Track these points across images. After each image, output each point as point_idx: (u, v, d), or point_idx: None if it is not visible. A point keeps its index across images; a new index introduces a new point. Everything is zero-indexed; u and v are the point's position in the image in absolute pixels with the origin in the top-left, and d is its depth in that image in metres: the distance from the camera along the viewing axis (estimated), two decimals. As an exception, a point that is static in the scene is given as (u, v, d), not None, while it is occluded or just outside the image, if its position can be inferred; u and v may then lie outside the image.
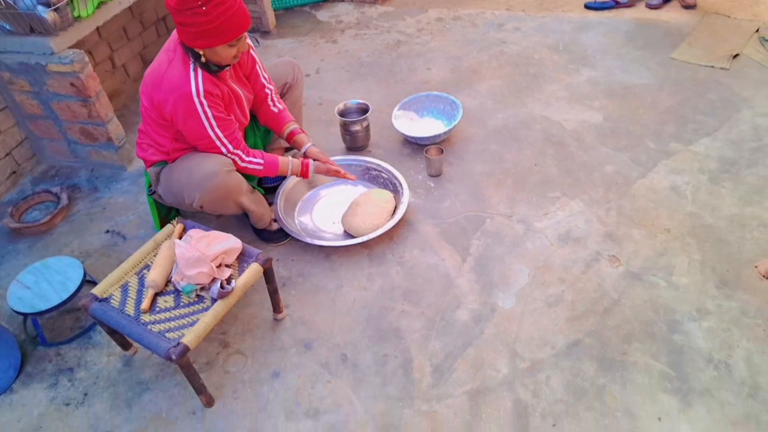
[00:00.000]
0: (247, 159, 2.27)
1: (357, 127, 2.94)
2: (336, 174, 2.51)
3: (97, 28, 2.91)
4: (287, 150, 2.85)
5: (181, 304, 1.96)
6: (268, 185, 2.73)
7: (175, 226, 2.15)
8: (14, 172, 3.00)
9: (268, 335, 2.20)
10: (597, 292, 2.26)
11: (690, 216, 2.53)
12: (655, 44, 3.70)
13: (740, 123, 3.01)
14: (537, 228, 2.54)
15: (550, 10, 4.23)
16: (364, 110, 3.00)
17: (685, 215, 2.54)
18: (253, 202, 2.37)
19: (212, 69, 2.08)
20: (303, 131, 2.55)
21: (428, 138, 2.94)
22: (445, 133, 2.94)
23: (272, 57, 3.95)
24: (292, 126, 2.52)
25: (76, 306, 2.32)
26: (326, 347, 2.14)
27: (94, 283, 2.33)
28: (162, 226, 2.48)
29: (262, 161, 2.30)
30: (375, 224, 2.50)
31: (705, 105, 3.15)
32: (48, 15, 2.46)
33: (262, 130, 2.61)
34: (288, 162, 2.38)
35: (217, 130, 2.12)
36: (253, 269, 1.99)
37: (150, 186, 2.38)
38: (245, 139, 2.47)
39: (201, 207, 2.22)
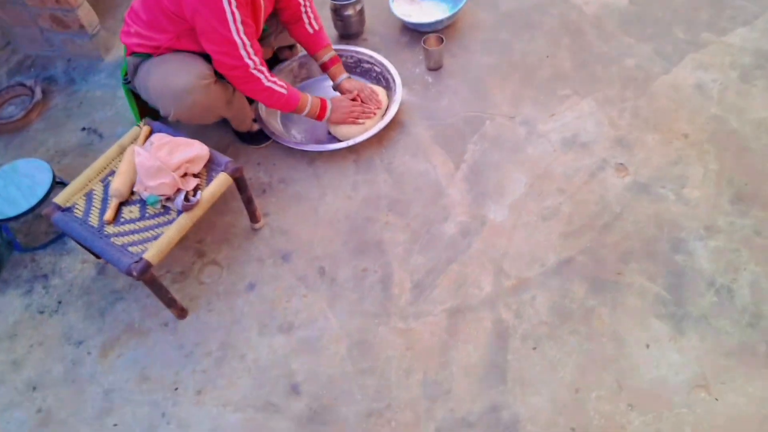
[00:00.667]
0: (271, 79, 2.03)
1: (350, 12, 2.65)
2: (354, 121, 2.28)
3: None
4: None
5: (147, 214, 1.85)
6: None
7: (142, 129, 2.00)
8: (-12, 62, 2.83)
9: (245, 245, 2.11)
10: (598, 205, 2.08)
11: (713, 119, 2.27)
12: None
13: (787, 8, 2.63)
14: (541, 131, 2.31)
15: None
16: (358, -7, 2.68)
17: (708, 118, 2.27)
18: (232, 108, 2.18)
19: None
20: (339, 59, 2.35)
21: (429, 24, 2.65)
22: (448, 18, 2.63)
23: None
24: (329, 53, 2.32)
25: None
26: (304, 259, 2.05)
27: (65, 185, 2.24)
28: (142, 118, 2.32)
29: (285, 87, 2.07)
30: (364, 127, 2.30)
31: (750, -15, 2.74)
32: None
33: None
34: (308, 100, 2.16)
35: (243, 36, 1.89)
36: (221, 180, 1.86)
37: (126, 74, 2.18)
38: None
39: (177, 120, 2.03)
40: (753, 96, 2.32)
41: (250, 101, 2.41)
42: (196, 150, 1.87)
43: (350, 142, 2.26)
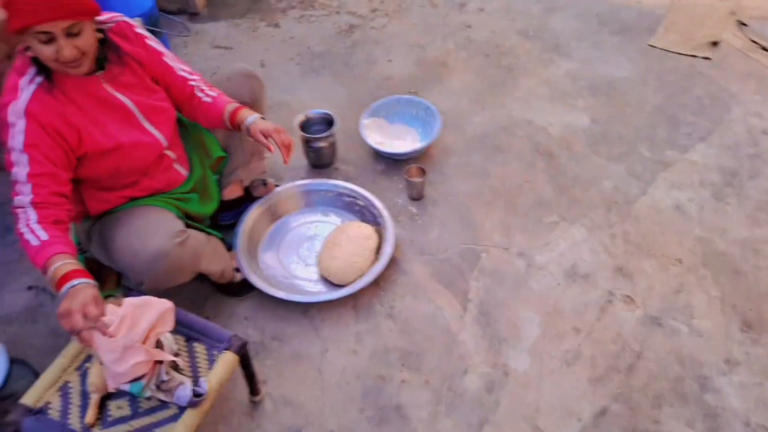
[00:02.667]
0: (33, 225, 1.48)
1: (322, 144, 2.52)
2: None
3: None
4: (260, 184, 2.36)
5: (140, 410, 1.54)
6: (224, 222, 2.29)
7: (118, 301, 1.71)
8: None
9: (246, 423, 1.82)
10: (617, 344, 2.02)
11: (700, 241, 2.32)
12: (630, 29, 3.44)
13: (733, 124, 2.82)
14: (539, 263, 2.25)
15: (513, -13, 3.86)
16: (328, 122, 2.58)
17: (695, 240, 2.32)
18: (211, 261, 1.93)
19: (51, 84, 1.53)
20: (244, 106, 1.92)
21: (404, 154, 2.58)
22: (423, 147, 2.58)
23: (205, 46, 3.40)
24: (231, 107, 1.89)
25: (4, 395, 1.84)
26: (318, 436, 1.80)
27: (23, 364, 1.88)
28: (102, 282, 2.01)
29: (41, 241, 1.46)
30: (358, 267, 2.14)
31: (694, 103, 2.94)
32: None
33: (212, 158, 2.08)
34: (54, 266, 1.42)
35: (23, 164, 1.49)
36: (227, 361, 1.60)
37: (79, 243, 1.88)
38: (189, 168, 1.99)
39: (151, 289, 1.72)
40: (729, 215, 2.41)
41: (228, 247, 2.18)
42: (157, 308, 1.54)
43: (347, 291, 2.08)
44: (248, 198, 2.35)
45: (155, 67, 1.80)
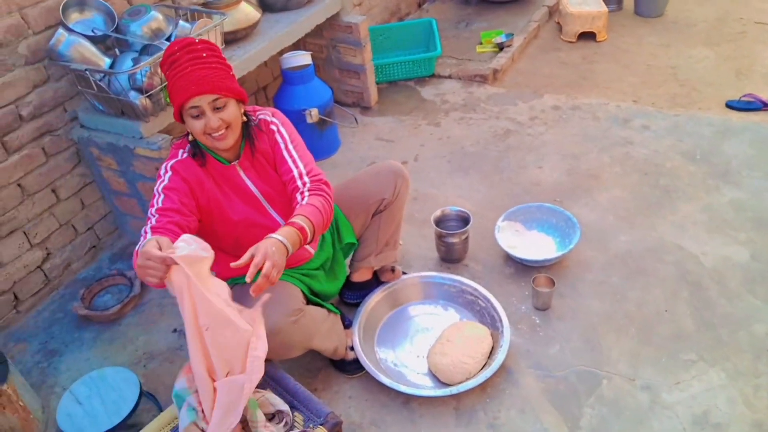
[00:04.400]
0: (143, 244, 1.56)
1: (455, 240, 2.60)
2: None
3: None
4: (385, 275, 2.47)
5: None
6: (349, 301, 2.43)
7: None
8: (94, 246, 2.88)
9: (329, 504, 1.85)
10: None
11: None
12: (815, 163, 3.14)
13: None
14: (666, 402, 2.07)
15: (684, 107, 3.74)
16: (464, 219, 2.66)
17: None
18: (325, 339, 2.04)
19: (201, 157, 1.84)
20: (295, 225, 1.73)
21: (536, 261, 2.56)
22: (557, 257, 2.54)
23: (370, 137, 3.71)
24: (303, 221, 1.75)
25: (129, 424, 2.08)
26: None
27: (153, 398, 2.11)
28: None
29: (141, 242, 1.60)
30: (467, 369, 2.13)
31: None
32: (139, 101, 2.31)
33: (343, 242, 2.21)
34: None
35: (158, 204, 1.73)
36: (319, 436, 1.67)
37: None
38: (319, 247, 2.11)
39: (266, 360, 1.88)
40: None
41: (347, 325, 2.29)
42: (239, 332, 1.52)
43: (452, 390, 2.07)
44: (376, 282, 2.48)
45: (278, 159, 1.93)
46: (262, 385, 1.81)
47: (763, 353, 2.20)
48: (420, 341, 2.33)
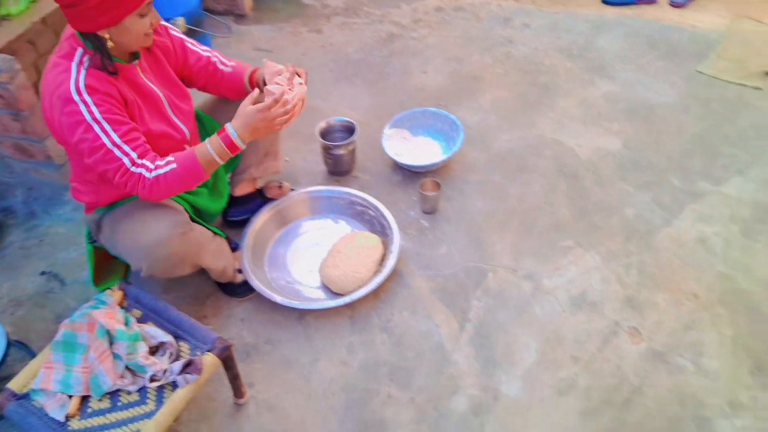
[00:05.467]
0: (153, 166, 1.61)
1: (341, 151, 2.54)
2: (280, 127, 1.77)
3: (45, 22, 2.45)
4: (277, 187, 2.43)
5: (119, 404, 1.58)
6: (233, 218, 2.33)
7: (114, 294, 1.77)
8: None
9: (228, 424, 1.85)
10: (615, 377, 1.93)
11: (720, 278, 2.20)
12: (679, 53, 3.30)
13: (776, 158, 2.66)
14: (547, 287, 2.19)
15: (564, 5, 3.77)
16: (350, 130, 2.59)
17: (715, 277, 2.20)
18: (213, 257, 1.97)
19: (111, 65, 1.60)
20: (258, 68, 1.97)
21: (422, 167, 2.56)
22: (442, 161, 2.55)
23: (247, 47, 3.49)
24: (249, 70, 1.98)
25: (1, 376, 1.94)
26: (297, 444, 1.80)
27: (24, 346, 1.97)
28: (98, 279, 2.07)
29: (173, 160, 1.63)
30: (359, 278, 2.14)
31: (736, 133, 2.79)
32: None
33: None
34: (206, 149, 1.66)
35: (112, 134, 1.55)
36: (207, 363, 1.62)
37: (90, 234, 1.97)
38: None
39: (150, 276, 1.81)
40: (757, 253, 2.27)
41: (234, 248, 2.22)
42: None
43: (345, 300, 2.08)
44: (261, 197, 2.40)
45: (179, 53, 1.89)
46: (143, 319, 1.73)
47: (633, 235, 2.36)
48: (312, 257, 2.30)
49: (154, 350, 1.64)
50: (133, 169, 1.60)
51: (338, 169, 2.61)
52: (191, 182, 1.68)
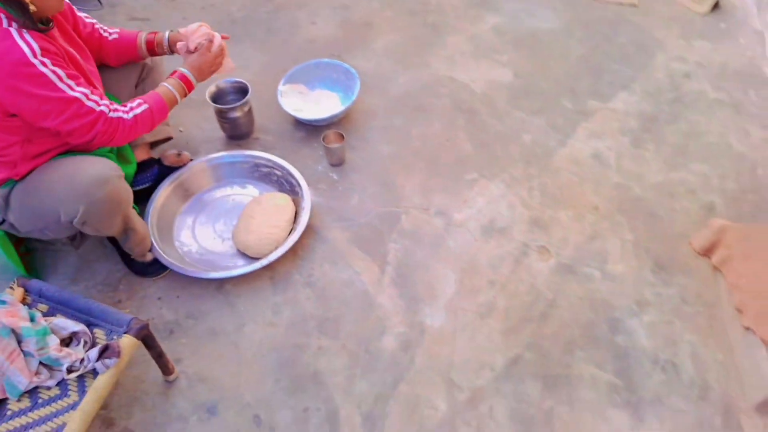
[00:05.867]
0: (128, 109, 1.76)
1: (237, 114, 2.46)
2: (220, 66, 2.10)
3: None
4: (153, 145, 2.35)
5: (40, 401, 1.52)
6: (138, 187, 2.23)
7: (14, 292, 1.67)
8: None
9: (161, 403, 1.81)
10: (530, 294, 2.04)
11: (617, 188, 2.34)
12: (557, -21, 3.39)
13: (655, 70, 2.83)
14: (458, 221, 2.26)
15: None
16: (243, 91, 2.51)
17: (612, 188, 2.34)
18: (137, 219, 1.94)
19: (40, 28, 1.62)
20: (154, 33, 2.11)
21: (322, 120, 2.53)
22: (342, 112, 2.54)
23: (121, 18, 3.28)
24: (143, 35, 2.08)
25: None
26: (234, 410, 1.80)
27: None
28: (23, 263, 1.99)
29: (144, 102, 1.81)
30: (274, 239, 2.12)
31: (618, 51, 2.93)
32: None
33: None
34: (169, 90, 1.89)
35: (76, 88, 1.63)
36: (126, 345, 1.57)
37: None
38: None
39: (83, 224, 1.73)
40: (646, 160, 2.43)
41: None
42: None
43: (262, 263, 2.06)
44: (159, 165, 2.31)
45: (70, 18, 1.87)
46: (50, 312, 1.65)
47: (532, 159, 2.46)
48: (222, 225, 2.25)
49: (67, 342, 1.58)
50: (112, 115, 1.71)
51: (236, 132, 2.54)
52: (159, 119, 1.85)
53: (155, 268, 2.09)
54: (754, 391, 1.78)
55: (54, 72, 1.58)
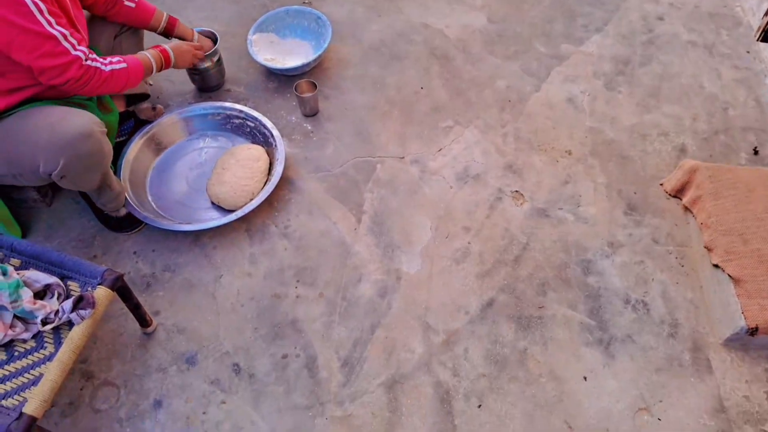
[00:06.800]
0: (107, 62, 1.77)
1: (206, 64, 2.41)
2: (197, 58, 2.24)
3: None
4: (130, 99, 2.31)
5: (16, 354, 1.52)
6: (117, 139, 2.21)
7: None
8: None
9: (140, 355, 1.83)
10: (505, 238, 2.06)
11: (590, 132, 2.35)
12: None
13: (629, 12, 2.80)
14: (433, 168, 2.26)
15: None
16: (211, 40, 2.45)
17: (585, 132, 2.35)
18: (112, 174, 1.93)
19: None
20: (177, 19, 2.22)
21: (294, 69, 2.49)
22: (314, 60, 2.49)
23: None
24: (163, 18, 2.16)
25: None
26: (213, 358, 1.82)
27: None
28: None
29: (123, 61, 1.82)
30: (248, 190, 2.11)
31: (591, -7, 2.90)
32: None
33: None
34: (149, 58, 1.94)
35: (56, 26, 1.60)
36: (101, 297, 1.57)
37: None
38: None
39: (61, 177, 1.72)
40: (620, 103, 2.44)
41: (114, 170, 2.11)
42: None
43: (236, 215, 2.05)
44: (134, 118, 2.28)
45: None
46: (22, 267, 1.64)
47: (507, 105, 2.45)
48: (196, 178, 2.23)
49: (41, 295, 1.57)
50: (88, 62, 1.70)
51: (207, 84, 2.49)
52: (132, 82, 1.85)
53: (130, 222, 2.07)
54: (722, 327, 1.83)
55: (36, 3, 1.55)
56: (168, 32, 2.20)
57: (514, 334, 1.85)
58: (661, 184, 2.18)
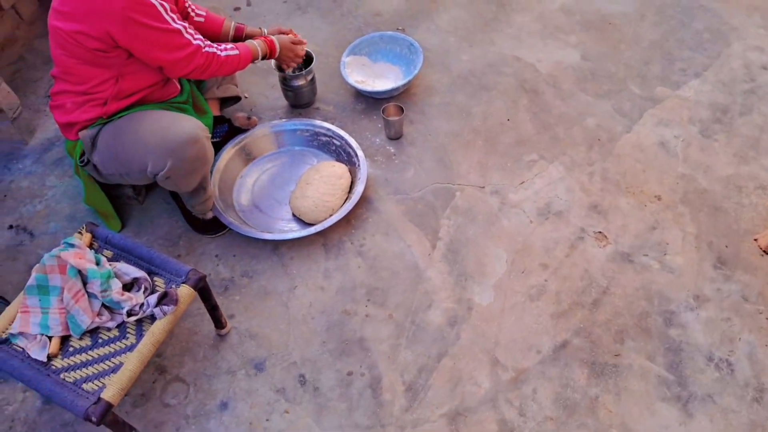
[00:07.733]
0: (223, 48, 1.96)
1: (300, 82, 2.49)
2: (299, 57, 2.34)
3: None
4: (223, 102, 2.43)
5: (100, 341, 1.60)
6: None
7: (83, 236, 1.75)
8: None
9: (212, 355, 1.88)
10: (584, 280, 2.00)
11: (682, 179, 2.26)
12: (634, -40, 3.27)
13: (731, 59, 2.70)
14: (513, 201, 2.23)
15: None
16: (307, 60, 2.54)
17: (677, 178, 2.26)
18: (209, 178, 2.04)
19: None
20: (244, 25, 2.28)
21: (384, 92, 2.53)
22: (403, 85, 2.53)
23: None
24: (231, 24, 2.24)
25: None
26: (281, 367, 1.85)
27: (2, 299, 1.96)
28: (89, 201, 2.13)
29: (234, 48, 2.01)
30: (329, 206, 2.15)
31: (692, 37, 2.81)
32: None
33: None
34: (257, 46, 2.11)
35: (177, 21, 1.80)
36: (184, 295, 1.64)
37: (81, 156, 1.94)
38: (181, 86, 2.10)
39: (166, 178, 1.85)
40: (716, 152, 2.34)
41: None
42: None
43: (316, 228, 2.09)
44: (228, 124, 2.39)
45: None
46: (114, 259, 1.73)
47: (595, 143, 2.40)
48: (280, 190, 2.30)
49: (129, 287, 1.65)
50: (208, 50, 1.90)
51: (299, 101, 2.57)
52: (241, 67, 2.04)
53: (215, 226, 2.15)
54: (813, 396, 1.71)
55: (161, 4, 1.73)
56: (237, 39, 2.26)
57: (587, 380, 1.79)
58: (756, 240, 2.07)
